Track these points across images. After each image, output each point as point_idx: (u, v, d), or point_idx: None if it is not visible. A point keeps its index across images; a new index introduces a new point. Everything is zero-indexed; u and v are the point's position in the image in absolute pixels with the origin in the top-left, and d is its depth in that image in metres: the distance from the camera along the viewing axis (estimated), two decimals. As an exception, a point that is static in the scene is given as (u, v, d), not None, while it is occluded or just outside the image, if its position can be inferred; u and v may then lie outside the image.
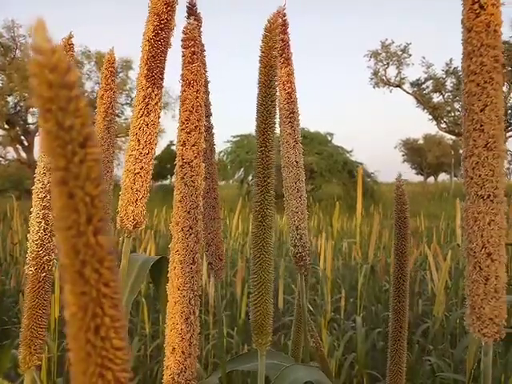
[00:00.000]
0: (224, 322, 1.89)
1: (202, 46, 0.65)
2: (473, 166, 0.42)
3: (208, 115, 0.67)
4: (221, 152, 14.64)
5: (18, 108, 15.11)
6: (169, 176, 20.66)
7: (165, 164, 17.52)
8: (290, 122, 0.69)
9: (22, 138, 14.97)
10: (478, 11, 0.41)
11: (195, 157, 0.43)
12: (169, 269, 0.48)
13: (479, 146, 0.41)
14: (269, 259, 0.57)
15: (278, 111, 0.70)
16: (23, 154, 14.95)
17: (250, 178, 14.66)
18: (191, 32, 0.41)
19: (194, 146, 0.43)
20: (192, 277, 0.47)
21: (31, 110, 14.82)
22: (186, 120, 0.42)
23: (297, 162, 0.69)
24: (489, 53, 0.41)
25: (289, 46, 0.69)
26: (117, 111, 0.69)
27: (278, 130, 0.71)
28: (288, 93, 0.69)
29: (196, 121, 0.42)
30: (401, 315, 0.65)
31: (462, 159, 0.43)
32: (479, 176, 0.41)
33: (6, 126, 14.65)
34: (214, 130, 0.69)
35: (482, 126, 0.41)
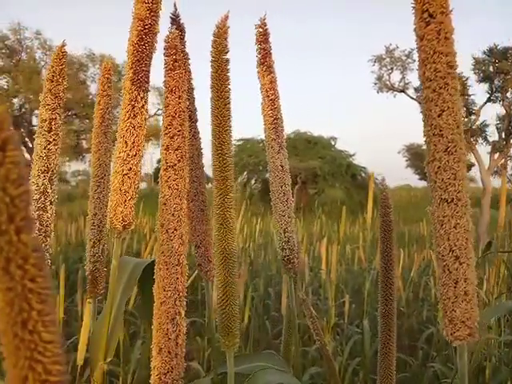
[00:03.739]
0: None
1: (187, 54, 0.66)
2: (435, 171, 0.42)
3: (194, 121, 0.69)
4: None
5: (23, 110, 15.17)
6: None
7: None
8: (274, 127, 0.70)
9: (27, 139, 15.02)
10: (427, 20, 0.42)
11: (178, 160, 0.44)
12: (155, 270, 0.49)
13: (440, 150, 0.42)
14: (232, 261, 0.58)
15: (263, 117, 0.71)
16: (27, 156, 14.99)
17: (253, 181, 14.65)
18: (173, 40, 0.43)
19: (177, 150, 0.44)
20: (177, 278, 0.48)
21: (36, 112, 14.87)
22: (169, 125, 0.44)
23: (282, 167, 0.70)
24: (442, 59, 0.42)
25: (270, 54, 0.70)
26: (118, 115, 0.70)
27: (263, 136, 0.72)
28: (271, 100, 0.70)
29: (179, 125, 0.43)
30: (389, 319, 0.66)
31: (425, 164, 0.44)
32: (442, 180, 0.42)
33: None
34: (200, 135, 0.71)
35: (440, 130, 0.42)
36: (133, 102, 0.55)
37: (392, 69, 18.32)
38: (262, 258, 3.53)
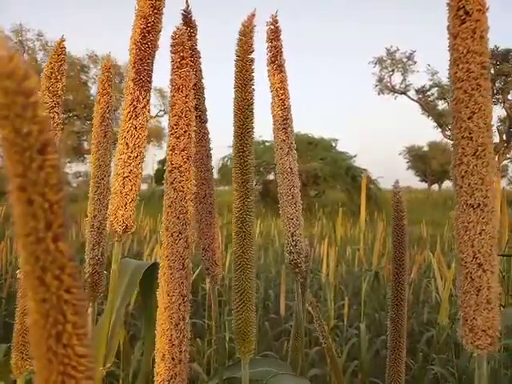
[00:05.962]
0: (226, 327, 1.88)
1: (198, 52, 0.64)
2: (462, 175, 0.41)
3: (204, 121, 0.67)
4: (225, 157, 14.70)
5: (24, 111, 15.15)
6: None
7: (169, 168, 17.46)
8: (283, 128, 0.68)
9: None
10: (463, 17, 0.41)
11: (184, 162, 0.42)
12: (159, 274, 0.47)
13: (468, 154, 0.41)
14: (250, 266, 0.56)
15: (272, 117, 0.70)
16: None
17: (254, 183, 14.65)
18: (180, 37, 0.41)
19: (183, 151, 0.42)
20: (182, 282, 0.46)
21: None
22: (175, 125, 0.42)
23: (291, 169, 0.69)
24: (475, 59, 0.41)
25: (282, 52, 0.68)
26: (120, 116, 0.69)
27: (272, 137, 0.71)
28: (281, 99, 0.68)
29: (185, 126, 0.42)
30: (399, 324, 0.64)
31: (451, 168, 0.43)
32: (468, 185, 0.41)
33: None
34: (209, 136, 0.69)
35: (470, 133, 0.41)
36: (135, 103, 0.53)
37: (393, 70, 18.42)
38: (263, 260, 3.53)
